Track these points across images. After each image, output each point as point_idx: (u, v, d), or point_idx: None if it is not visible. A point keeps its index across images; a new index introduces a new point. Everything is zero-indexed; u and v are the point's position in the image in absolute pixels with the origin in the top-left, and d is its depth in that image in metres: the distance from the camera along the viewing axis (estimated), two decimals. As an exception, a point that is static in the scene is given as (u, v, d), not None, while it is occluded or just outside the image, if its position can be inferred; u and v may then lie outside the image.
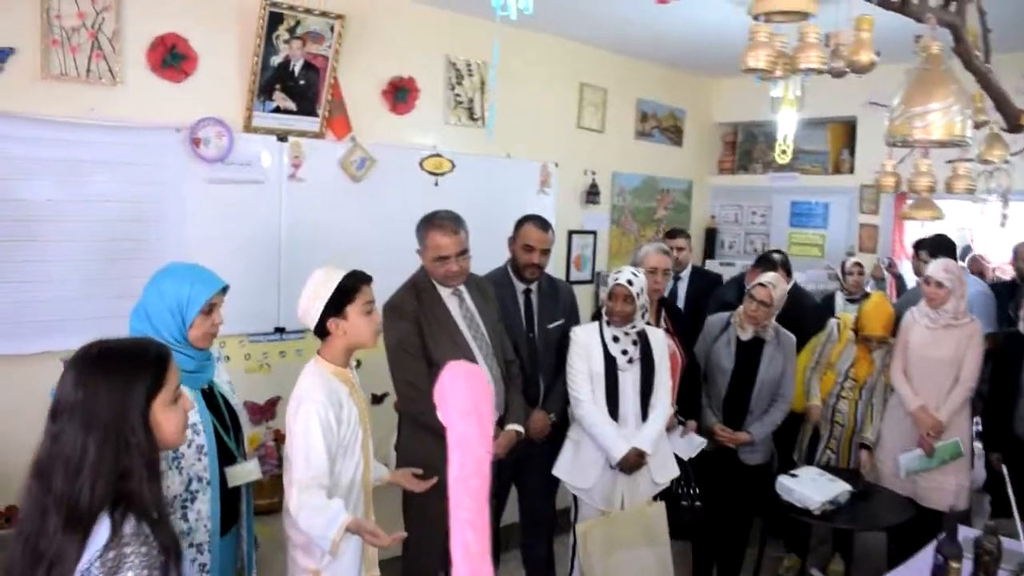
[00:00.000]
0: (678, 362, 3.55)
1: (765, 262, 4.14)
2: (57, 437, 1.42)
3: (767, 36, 2.24)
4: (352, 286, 2.31)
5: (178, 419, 1.56)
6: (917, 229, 5.05)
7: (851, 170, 5.84)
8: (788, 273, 4.14)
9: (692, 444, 3.54)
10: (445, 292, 2.94)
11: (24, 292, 3.26)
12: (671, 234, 4.71)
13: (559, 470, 3.27)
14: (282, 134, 3.91)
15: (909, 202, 3.39)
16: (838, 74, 2.38)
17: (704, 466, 3.59)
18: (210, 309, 2.12)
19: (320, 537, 2.23)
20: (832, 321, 4.07)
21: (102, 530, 1.38)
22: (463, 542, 1.00)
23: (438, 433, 1.12)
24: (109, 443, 1.41)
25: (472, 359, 2.87)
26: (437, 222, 2.84)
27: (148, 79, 3.52)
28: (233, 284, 2.35)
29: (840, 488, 3.29)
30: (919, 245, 4.69)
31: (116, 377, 1.45)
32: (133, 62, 3.46)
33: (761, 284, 3.53)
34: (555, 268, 5.13)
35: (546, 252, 3.32)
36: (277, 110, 3.86)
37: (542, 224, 3.34)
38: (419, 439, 2.87)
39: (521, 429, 3.05)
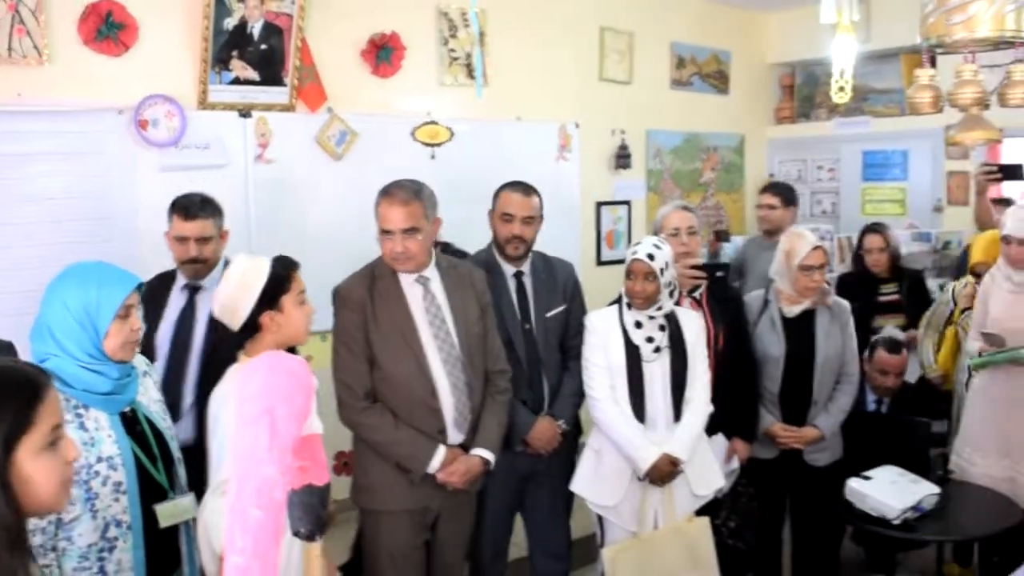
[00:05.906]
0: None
1: None
2: None
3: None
4: (286, 273, 2.32)
5: (58, 471, 1.35)
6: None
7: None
8: None
9: (723, 469, 3.21)
10: (407, 280, 2.80)
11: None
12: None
13: (578, 485, 3.15)
14: (244, 109, 3.86)
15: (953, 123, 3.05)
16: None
17: (765, 476, 3.41)
18: (126, 312, 2.05)
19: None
20: (949, 286, 4.07)
21: None
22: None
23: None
24: None
25: (423, 364, 2.74)
26: (387, 190, 2.75)
27: (81, 55, 3.47)
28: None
29: (925, 491, 3.12)
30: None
31: None
32: (62, 36, 3.43)
33: (815, 247, 3.26)
34: (583, 248, 5.16)
35: (530, 222, 3.16)
36: (236, 81, 3.80)
37: (523, 189, 3.20)
38: (369, 464, 2.81)
39: (489, 456, 2.83)
